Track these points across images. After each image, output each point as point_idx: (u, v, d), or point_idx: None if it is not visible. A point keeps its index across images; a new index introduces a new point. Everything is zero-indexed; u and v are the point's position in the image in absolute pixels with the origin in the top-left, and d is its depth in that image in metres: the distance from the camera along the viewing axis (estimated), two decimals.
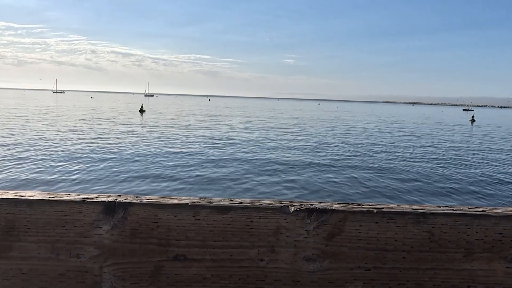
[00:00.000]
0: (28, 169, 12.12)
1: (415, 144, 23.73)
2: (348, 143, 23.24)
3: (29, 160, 13.49)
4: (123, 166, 13.14)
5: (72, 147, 16.91)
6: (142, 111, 50.05)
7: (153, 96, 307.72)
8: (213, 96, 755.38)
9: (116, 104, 78.68)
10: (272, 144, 21.09)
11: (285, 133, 28.09)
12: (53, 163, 13.14)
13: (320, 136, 26.84)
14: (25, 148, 16.09)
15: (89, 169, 12.52)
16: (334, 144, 22.17)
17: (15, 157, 14.07)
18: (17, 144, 17.26)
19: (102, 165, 13.16)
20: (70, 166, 12.77)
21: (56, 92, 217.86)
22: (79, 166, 12.83)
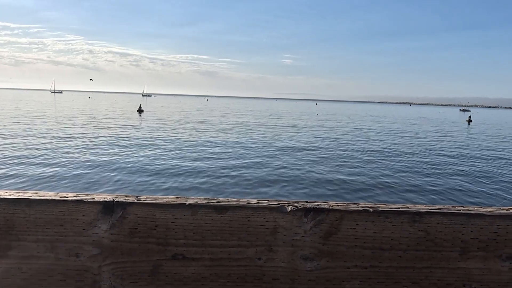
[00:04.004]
0: (26, 170, 12.09)
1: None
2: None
3: (27, 161, 13.46)
4: (122, 167, 13.12)
5: (71, 147, 16.87)
6: (140, 111, 49.97)
7: (151, 96, 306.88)
8: (211, 96, 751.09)
9: (114, 105, 78.45)
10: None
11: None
12: (52, 164, 13.11)
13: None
14: (23, 149, 16.05)
15: (88, 169, 12.49)
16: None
17: (13, 157, 14.03)
18: (16, 144, 17.23)
19: (102, 166, 13.13)
20: (69, 166, 12.74)
21: (54, 92, 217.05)
22: (78, 166, 12.80)
